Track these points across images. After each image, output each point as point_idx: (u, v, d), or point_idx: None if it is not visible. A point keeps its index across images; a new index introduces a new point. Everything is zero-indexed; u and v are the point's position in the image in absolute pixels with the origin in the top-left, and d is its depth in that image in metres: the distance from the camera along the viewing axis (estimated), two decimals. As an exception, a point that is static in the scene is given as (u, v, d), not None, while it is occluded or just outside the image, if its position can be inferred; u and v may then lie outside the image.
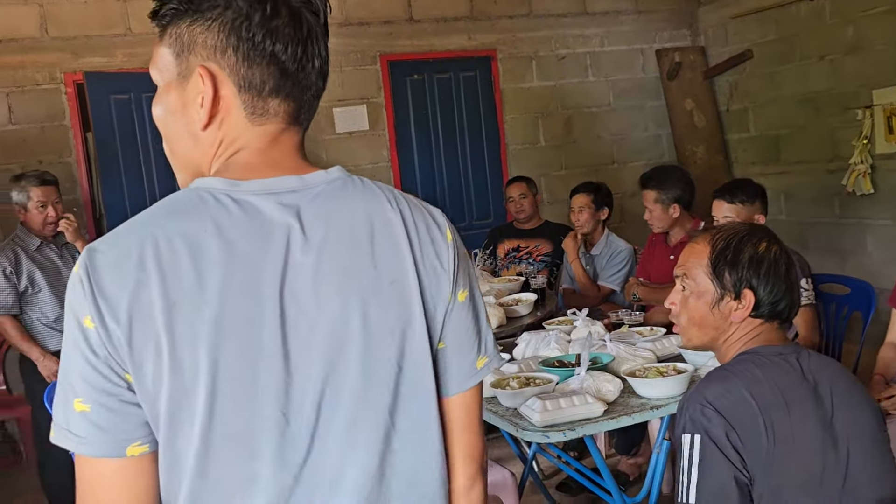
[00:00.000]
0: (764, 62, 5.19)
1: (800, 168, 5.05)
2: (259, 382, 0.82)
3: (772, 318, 1.51)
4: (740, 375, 1.41)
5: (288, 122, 0.92)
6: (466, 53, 5.22)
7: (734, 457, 1.32)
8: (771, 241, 1.53)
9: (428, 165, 5.22)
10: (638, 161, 5.65)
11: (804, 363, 1.45)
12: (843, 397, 1.43)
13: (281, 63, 0.88)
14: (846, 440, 1.39)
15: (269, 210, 0.85)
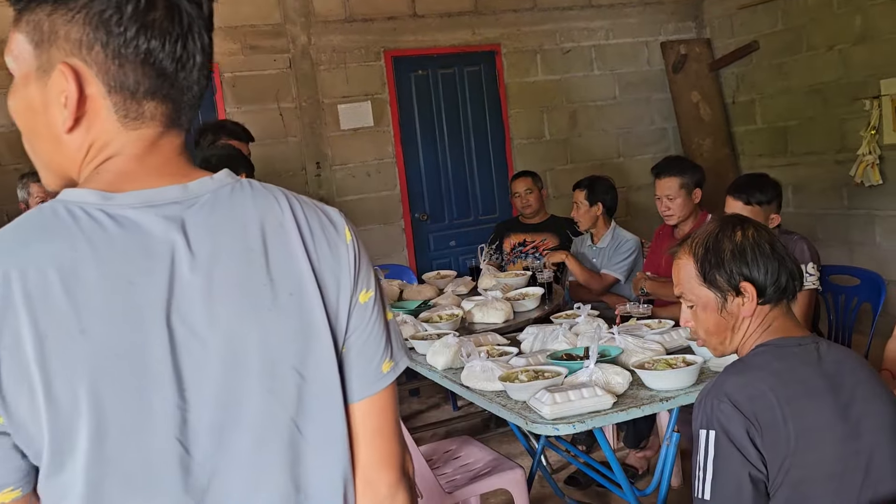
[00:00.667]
0: (771, 53, 5.16)
1: (808, 160, 5.02)
2: (151, 413, 0.76)
3: (779, 300, 1.50)
4: (759, 368, 1.40)
5: (166, 126, 0.83)
6: (470, 48, 5.21)
7: (751, 452, 1.30)
8: (743, 226, 1.53)
9: (433, 161, 5.22)
10: (644, 154, 5.63)
11: (824, 353, 1.43)
12: (864, 388, 1.41)
13: (158, 62, 0.79)
14: (868, 432, 1.37)
15: (150, 225, 0.78)
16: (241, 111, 4.64)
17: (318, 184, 4.93)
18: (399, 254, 5.15)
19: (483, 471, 2.56)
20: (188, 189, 0.81)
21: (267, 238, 0.83)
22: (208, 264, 0.79)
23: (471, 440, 2.81)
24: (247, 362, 0.80)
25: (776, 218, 2.72)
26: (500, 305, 3.12)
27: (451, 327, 2.92)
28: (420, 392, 4.61)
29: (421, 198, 5.21)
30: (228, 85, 4.71)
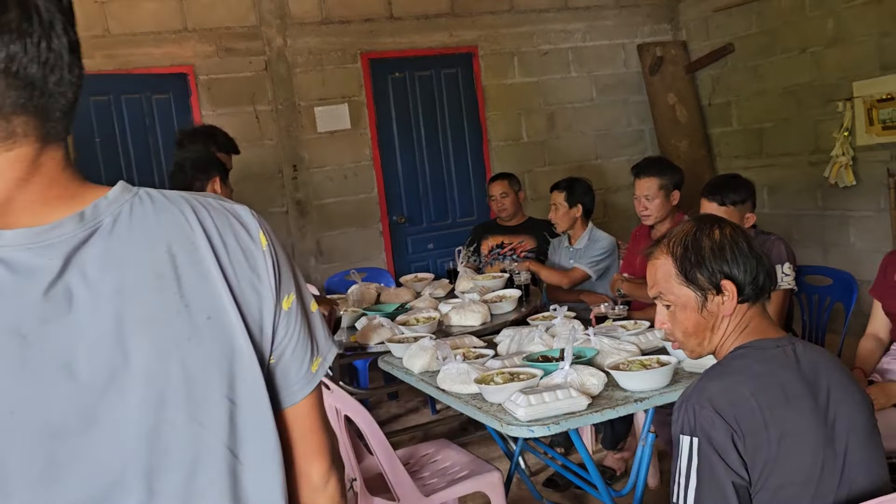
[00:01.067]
0: (745, 56, 5.21)
1: (783, 161, 5.07)
2: (62, 467, 0.70)
3: (757, 298, 1.50)
4: (739, 372, 1.39)
5: (42, 141, 0.73)
6: (448, 50, 5.20)
7: (734, 459, 1.30)
8: (720, 225, 1.52)
9: (410, 163, 5.20)
10: (621, 156, 5.65)
11: (800, 355, 1.43)
12: (839, 389, 1.41)
13: (22, 69, 0.69)
14: (844, 434, 1.37)
15: (44, 267, 0.70)
16: (216, 114, 4.60)
17: (295, 187, 4.89)
18: (377, 257, 5.12)
19: (460, 474, 2.55)
20: (84, 218, 0.73)
21: (177, 259, 0.76)
22: (115, 301, 0.72)
23: (448, 443, 2.79)
24: (172, 399, 0.74)
25: (751, 217, 2.74)
26: (477, 308, 3.11)
27: (427, 330, 2.91)
28: (399, 396, 4.59)
29: (399, 200, 5.20)
30: (204, 88, 4.67)
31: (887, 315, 2.48)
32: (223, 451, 0.79)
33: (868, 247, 4.56)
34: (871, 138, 4.39)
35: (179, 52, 4.58)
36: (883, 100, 4.29)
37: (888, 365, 2.42)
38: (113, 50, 4.40)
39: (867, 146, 4.43)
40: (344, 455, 2.56)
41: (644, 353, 2.36)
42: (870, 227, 4.56)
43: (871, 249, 4.49)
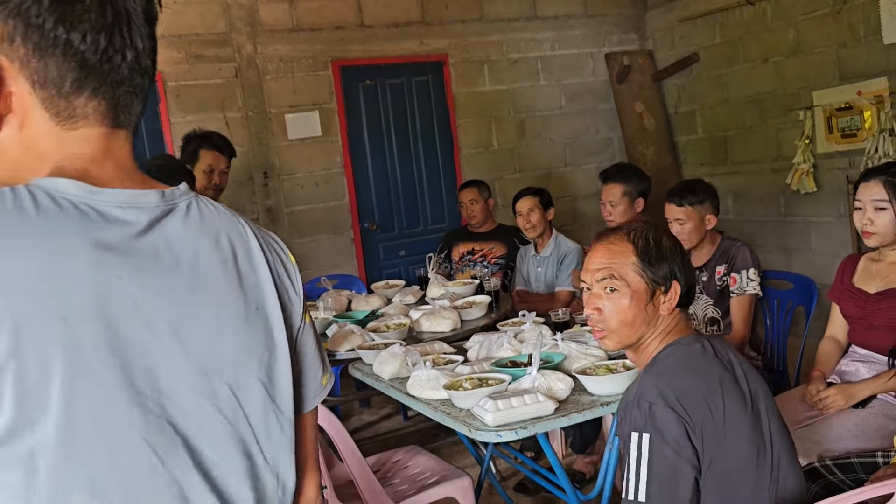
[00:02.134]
0: (710, 65, 5.31)
1: (747, 168, 5.18)
2: (120, 415, 0.73)
3: (685, 305, 1.59)
4: (680, 367, 1.46)
5: (107, 125, 0.80)
6: (418, 58, 5.23)
7: (687, 449, 1.34)
8: (663, 231, 1.61)
9: (382, 171, 5.22)
10: (590, 164, 5.72)
11: (717, 349, 1.52)
12: (754, 378, 1.51)
13: (79, 53, 0.76)
14: (766, 417, 1.47)
15: (133, 223, 0.77)
16: (185, 121, 4.58)
17: (266, 194, 4.88)
18: (348, 264, 5.13)
19: (431, 480, 2.56)
20: (165, 197, 0.82)
21: (236, 253, 0.85)
22: (189, 274, 0.79)
23: (419, 450, 2.81)
24: (220, 372, 0.81)
25: (712, 219, 2.82)
26: (448, 314, 3.13)
27: (398, 337, 2.93)
28: (370, 403, 4.59)
29: (370, 207, 5.21)
30: (173, 94, 4.64)
31: (845, 317, 2.55)
32: (250, 433, 0.84)
33: (828, 251, 4.67)
34: (831, 146, 4.51)
35: (148, 59, 4.55)
36: (841, 108, 4.40)
37: (846, 367, 2.49)
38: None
39: (827, 154, 4.55)
40: (314, 462, 2.56)
41: (611, 357, 2.39)
42: (830, 232, 4.67)
43: (832, 254, 4.60)
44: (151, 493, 0.75)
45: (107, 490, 0.72)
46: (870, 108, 4.23)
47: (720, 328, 2.87)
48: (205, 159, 3.28)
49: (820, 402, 2.36)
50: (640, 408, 1.38)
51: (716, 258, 2.88)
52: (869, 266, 2.50)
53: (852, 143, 4.38)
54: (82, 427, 0.71)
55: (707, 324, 2.91)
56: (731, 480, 1.37)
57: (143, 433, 0.75)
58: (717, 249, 2.88)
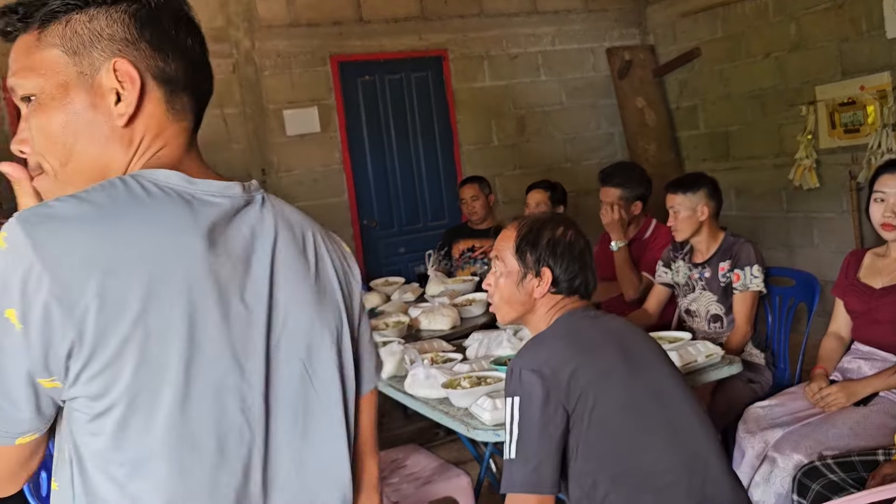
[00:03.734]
0: (712, 60, 5.28)
1: (749, 164, 5.15)
2: (218, 385, 0.83)
3: (570, 293, 1.72)
4: (551, 336, 1.65)
5: (193, 122, 0.92)
6: (418, 54, 5.20)
7: (552, 406, 1.48)
8: (568, 226, 1.75)
9: (381, 167, 5.19)
10: (591, 160, 5.69)
11: (600, 315, 1.74)
12: (639, 341, 1.70)
13: (193, 55, 0.89)
14: (648, 368, 1.63)
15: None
16: (183, 117, 4.55)
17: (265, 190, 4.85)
18: (348, 261, 5.09)
19: (429, 479, 2.54)
20: (245, 189, 0.91)
21: (306, 242, 0.95)
22: (270, 257, 0.89)
23: (418, 448, 2.78)
24: (297, 347, 0.90)
25: (705, 210, 2.82)
26: (447, 312, 3.11)
27: (396, 335, 2.90)
28: (370, 400, 4.56)
29: (369, 204, 5.18)
30: (170, 90, 4.61)
31: (849, 313, 2.52)
32: (332, 406, 0.94)
33: (831, 248, 4.64)
34: (834, 141, 4.47)
35: (145, 55, 4.53)
36: (844, 104, 4.37)
37: (848, 364, 2.46)
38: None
39: (829, 149, 4.51)
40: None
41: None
42: (833, 228, 4.64)
43: (835, 250, 4.56)
44: (235, 448, 0.84)
45: (205, 452, 0.81)
46: (873, 103, 4.19)
47: (723, 325, 2.84)
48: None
49: (821, 399, 2.33)
50: (511, 374, 1.55)
51: (719, 254, 2.85)
52: (875, 261, 2.48)
53: (855, 139, 4.35)
54: (196, 394, 0.80)
55: (710, 320, 2.88)
56: (608, 422, 1.50)
57: (240, 402, 0.84)
58: (721, 245, 2.86)
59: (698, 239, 2.88)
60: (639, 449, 1.52)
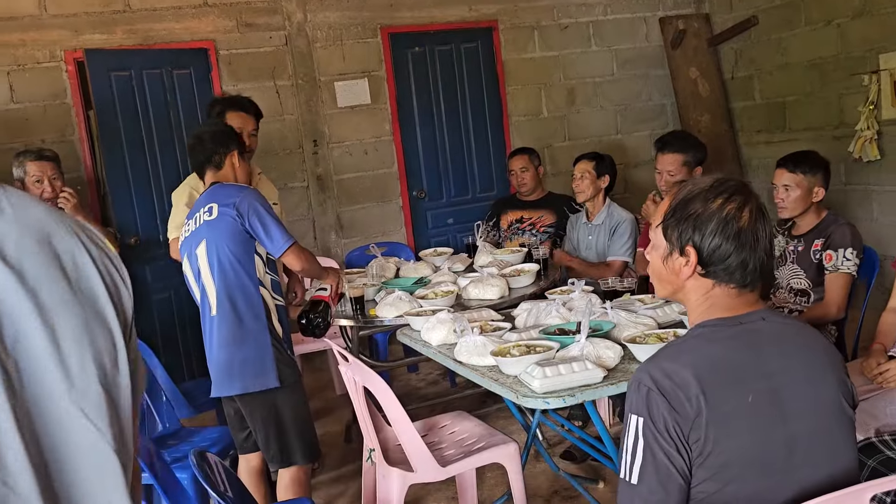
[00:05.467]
0: (769, 28, 5.12)
1: (806, 135, 5.00)
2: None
3: (726, 282, 1.42)
4: (689, 353, 1.39)
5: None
6: (468, 24, 5.17)
7: (674, 441, 1.30)
8: (731, 197, 1.42)
9: (430, 138, 5.20)
10: (642, 131, 5.61)
11: (763, 333, 1.40)
12: (799, 371, 1.39)
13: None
14: (796, 416, 1.35)
15: None
16: (237, 89, 4.62)
17: (316, 162, 4.92)
18: (397, 231, 5.15)
19: (477, 445, 2.59)
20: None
21: (57, 246, 0.74)
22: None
23: (465, 415, 2.83)
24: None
25: (820, 192, 2.81)
26: (496, 282, 3.13)
27: (446, 304, 2.94)
28: (418, 368, 4.64)
29: (418, 175, 5.21)
30: (224, 63, 4.69)
31: (910, 288, 2.47)
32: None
33: (891, 221, 4.50)
34: (897, 112, 4.32)
35: (200, 27, 4.61)
36: (910, 73, 4.21)
37: (909, 340, 2.41)
38: (134, 25, 4.43)
39: (892, 120, 4.36)
40: (363, 425, 2.61)
41: (660, 326, 2.37)
42: (894, 201, 4.50)
43: (894, 224, 4.43)
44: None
45: None
46: (940, 72, 4.03)
47: (809, 300, 2.81)
48: (232, 121, 3.09)
49: (879, 375, 2.30)
50: (639, 389, 1.34)
51: (815, 231, 2.84)
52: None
53: (920, 109, 4.19)
54: None
55: (795, 294, 2.85)
56: (728, 474, 1.31)
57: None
58: (820, 223, 2.84)
59: (801, 216, 2.85)
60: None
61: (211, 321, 2.50)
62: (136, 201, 4.38)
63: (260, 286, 2.50)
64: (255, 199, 2.51)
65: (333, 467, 3.49)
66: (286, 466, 2.57)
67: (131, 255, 4.27)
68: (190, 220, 2.61)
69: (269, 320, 2.50)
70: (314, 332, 2.72)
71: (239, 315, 2.45)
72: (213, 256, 2.47)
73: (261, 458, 2.67)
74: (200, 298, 2.55)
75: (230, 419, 2.68)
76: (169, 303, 4.47)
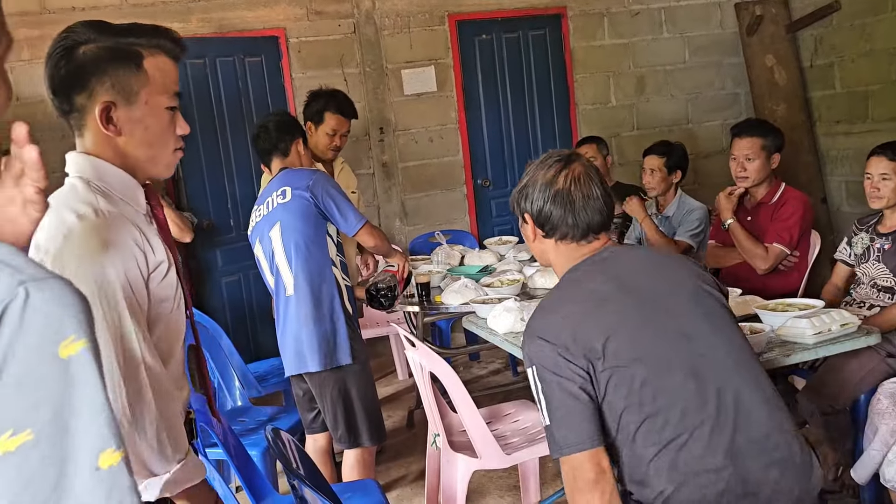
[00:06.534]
0: (852, 14, 4.91)
1: (890, 126, 4.78)
2: None
3: (561, 238, 1.66)
4: (553, 302, 1.62)
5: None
6: (536, 11, 5.12)
7: (566, 370, 1.47)
8: (549, 167, 1.66)
9: (496, 126, 5.18)
10: (713, 121, 5.47)
11: (610, 259, 1.64)
12: (655, 276, 1.63)
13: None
14: (669, 313, 1.56)
15: None
16: (306, 76, 4.69)
17: (382, 149, 4.96)
18: (461, 220, 5.15)
19: (541, 434, 2.57)
20: None
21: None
22: None
23: (529, 404, 2.82)
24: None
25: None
26: (562, 271, 3.09)
27: (512, 292, 2.93)
28: (480, 357, 4.65)
29: (483, 163, 5.19)
30: (294, 50, 4.76)
31: None
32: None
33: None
34: None
35: (271, 15, 4.68)
36: None
37: None
38: (208, 14, 4.53)
39: None
40: (428, 410, 2.63)
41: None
42: None
43: None
44: None
45: None
46: None
47: (893, 297, 2.68)
48: (329, 122, 3.25)
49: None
50: (524, 346, 1.57)
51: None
52: None
53: None
54: None
55: (879, 290, 2.72)
56: (629, 371, 1.47)
57: None
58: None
59: (892, 209, 2.73)
60: (658, 393, 1.47)
61: (286, 301, 2.56)
62: (208, 187, 4.50)
63: (332, 266, 2.55)
64: (326, 181, 2.57)
65: (396, 451, 3.52)
66: (353, 447, 2.61)
67: (203, 239, 4.39)
68: (261, 206, 2.67)
69: (342, 299, 2.56)
70: (381, 303, 2.83)
71: (315, 294, 2.51)
72: (288, 238, 2.53)
73: (328, 439, 2.72)
74: (274, 280, 2.60)
75: (299, 399, 2.73)
76: (238, 285, 4.58)
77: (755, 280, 3.05)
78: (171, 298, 1.27)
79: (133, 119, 1.26)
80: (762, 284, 2.98)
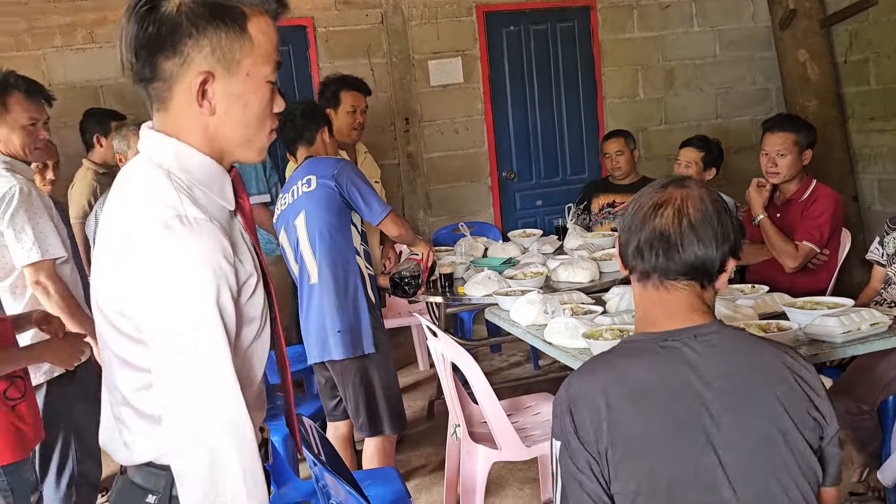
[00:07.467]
0: (890, 8, 4.80)
1: (925, 124, 4.69)
2: None
3: (646, 277, 1.29)
4: (604, 369, 1.28)
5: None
6: (564, 3, 5.08)
7: (588, 465, 1.21)
8: (648, 198, 1.31)
9: (522, 119, 5.15)
10: (743, 116, 5.39)
11: (693, 352, 1.25)
12: (731, 395, 1.22)
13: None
14: (716, 448, 1.21)
15: None
16: (333, 66, 4.70)
17: (407, 140, 4.95)
18: (485, 211, 5.14)
19: (563, 428, 2.56)
20: None
21: None
22: None
23: (551, 396, 2.81)
24: None
25: None
26: (587, 265, 3.08)
27: (535, 285, 2.92)
28: (501, 349, 4.64)
29: (509, 156, 5.17)
30: (322, 40, 4.77)
31: None
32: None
33: None
34: None
35: (300, 4, 4.69)
36: None
37: None
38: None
39: None
40: (449, 400, 2.63)
41: (761, 317, 2.28)
42: None
43: None
44: None
45: None
46: None
47: None
48: (347, 100, 3.43)
49: None
50: (557, 408, 1.26)
51: None
52: None
53: None
54: None
55: None
56: (638, 502, 1.20)
57: None
58: None
59: None
60: None
61: (310, 289, 2.57)
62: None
63: (356, 255, 2.57)
64: (351, 170, 2.58)
65: (416, 441, 3.53)
66: (374, 435, 2.62)
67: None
68: (286, 194, 2.68)
69: (365, 288, 2.57)
70: (405, 290, 2.85)
71: (339, 283, 2.53)
72: (313, 226, 2.54)
73: (349, 427, 2.74)
74: (298, 268, 2.62)
75: (321, 387, 2.75)
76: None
77: (783, 278, 3.00)
78: (259, 318, 1.09)
79: (232, 94, 1.04)
80: (790, 282, 2.93)
